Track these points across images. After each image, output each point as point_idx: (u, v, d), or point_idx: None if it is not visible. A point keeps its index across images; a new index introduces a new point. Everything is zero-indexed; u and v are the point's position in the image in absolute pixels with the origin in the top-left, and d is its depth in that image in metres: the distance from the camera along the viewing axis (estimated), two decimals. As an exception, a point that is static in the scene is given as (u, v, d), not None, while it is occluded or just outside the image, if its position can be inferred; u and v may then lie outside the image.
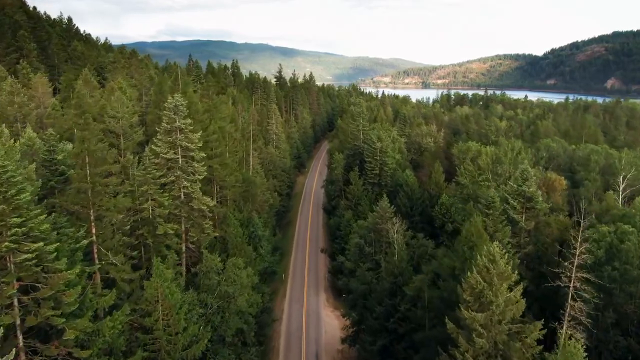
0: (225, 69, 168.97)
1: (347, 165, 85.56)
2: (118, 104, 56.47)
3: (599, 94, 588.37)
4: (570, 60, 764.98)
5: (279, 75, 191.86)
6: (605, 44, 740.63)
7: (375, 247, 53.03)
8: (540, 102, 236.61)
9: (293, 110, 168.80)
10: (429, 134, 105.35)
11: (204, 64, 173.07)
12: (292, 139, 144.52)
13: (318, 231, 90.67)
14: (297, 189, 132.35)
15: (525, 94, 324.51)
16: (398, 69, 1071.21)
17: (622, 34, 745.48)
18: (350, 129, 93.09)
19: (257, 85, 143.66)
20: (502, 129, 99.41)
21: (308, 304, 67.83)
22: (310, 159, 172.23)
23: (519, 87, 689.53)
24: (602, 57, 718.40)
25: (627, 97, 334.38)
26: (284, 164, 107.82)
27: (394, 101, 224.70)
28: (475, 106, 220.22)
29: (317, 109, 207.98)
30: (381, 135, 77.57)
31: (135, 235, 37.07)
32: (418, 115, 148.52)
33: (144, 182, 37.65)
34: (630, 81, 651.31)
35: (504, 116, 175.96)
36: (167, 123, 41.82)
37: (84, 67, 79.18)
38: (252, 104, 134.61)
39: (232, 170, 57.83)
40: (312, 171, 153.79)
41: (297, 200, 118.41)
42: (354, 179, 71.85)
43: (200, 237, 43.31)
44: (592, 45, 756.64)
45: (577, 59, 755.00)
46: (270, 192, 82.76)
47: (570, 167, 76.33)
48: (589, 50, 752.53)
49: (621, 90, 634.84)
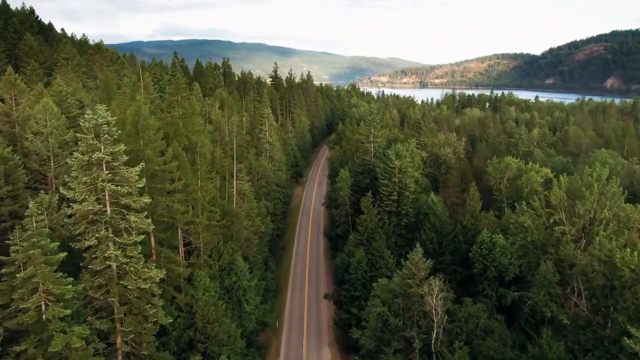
0: (215, 68, 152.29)
1: (354, 184, 69.29)
2: (45, 114, 40.06)
3: (599, 94, 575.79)
4: (569, 60, 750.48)
5: (274, 74, 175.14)
6: (604, 43, 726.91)
7: (405, 319, 36.96)
8: (551, 103, 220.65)
9: (290, 114, 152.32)
10: (447, 143, 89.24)
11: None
12: (289, 146, 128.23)
13: (319, 265, 74.23)
14: (294, 203, 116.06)
15: (532, 94, 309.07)
16: (395, 68, 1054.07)
17: (621, 33, 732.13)
18: (357, 137, 76.85)
19: (249, 86, 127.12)
20: (534, 137, 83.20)
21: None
22: (308, 166, 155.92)
23: (518, 86, 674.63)
24: (601, 56, 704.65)
25: (636, 97, 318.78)
26: (279, 177, 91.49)
27: (397, 102, 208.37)
28: (484, 108, 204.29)
29: (316, 110, 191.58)
30: (400, 150, 61.32)
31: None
32: (429, 120, 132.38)
33: (30, 259, 21.40)
34: (630, 80, 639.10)
35: (519, 119, 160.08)
36: (85, 153, 25.52)
37: (27, 66, 62.57)
38: (243, 107, 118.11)
39: (205, 206, 41.54)
40: (310, 181, 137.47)
41: (294, 218, 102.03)
42: (366, 206, 55.57)
43: (142, 331, 27.00)
44: (591, 45, 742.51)
45: (576, 59, 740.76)
46: (262, 217, 66.61)
47: (633, 189, 60.38)
48: (587, 50, 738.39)
49: (621, 90, 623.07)
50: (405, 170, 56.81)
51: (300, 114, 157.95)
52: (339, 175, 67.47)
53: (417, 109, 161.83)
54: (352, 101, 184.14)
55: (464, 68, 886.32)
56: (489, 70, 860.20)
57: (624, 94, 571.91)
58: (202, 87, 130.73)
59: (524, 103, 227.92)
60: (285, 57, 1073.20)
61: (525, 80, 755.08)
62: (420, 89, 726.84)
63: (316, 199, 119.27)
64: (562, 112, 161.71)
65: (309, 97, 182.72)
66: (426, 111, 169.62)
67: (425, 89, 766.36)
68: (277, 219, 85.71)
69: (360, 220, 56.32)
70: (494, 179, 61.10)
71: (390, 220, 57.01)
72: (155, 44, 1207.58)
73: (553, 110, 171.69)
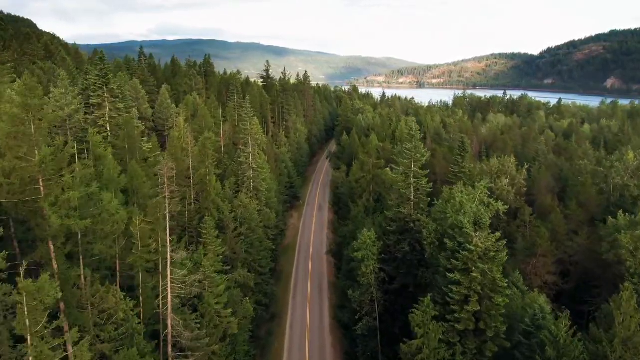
0: (193, 67, 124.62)
1: (384, 251, 42.16)
2: None
3: (599, 94, 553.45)
4: (568, 60, 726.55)
5: (266, 74, 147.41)
6: (603, 42, 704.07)
7: None
8: (576, 107, 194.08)
9: (283, 122, 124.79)
10: (502, 171, 62.55)
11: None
12: (282, 163, 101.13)
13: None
14: (289, 238, 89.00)
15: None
16: (391, 68, 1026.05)
17: (620, 32, 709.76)
18: (387, 177, 50.09)
19: (232, 89, 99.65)
20: (630, 164, 56.37)
21: None
22: (305, 182, 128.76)
23: (516, 86, 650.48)
24: (601, 56, 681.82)
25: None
26: (268, 218, 64.34)
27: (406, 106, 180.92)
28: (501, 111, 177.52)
29: (314, 116, 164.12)
30: (464, 202, 34.48)
31: None
32: (455, 130, 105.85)
33: None
34: (631, 80, 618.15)
35: (554, 128, 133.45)
36: None
37: None
38: (222, 116, 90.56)
39: None
40: (308, 205, 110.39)
41: (288, 266, 74.81)
42: (421, 324, 28.88)
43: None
44: (590, 45, 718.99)
45: (575, 58, 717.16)
46: (235, 314, 39.68)
47: None
48: (586, 49, 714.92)
49: (622, 90, 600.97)
50: (493, 254, 29.76)
51: (296, 121, 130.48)
52: (359, 239, 40.29)
53: (436, 115, 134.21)
54: (355, 105, 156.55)
55: (461, 68, 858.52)
56: (486, 70, 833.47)
57: (625, 94, 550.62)
58: (174, 91, 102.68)
59: (544, 106, 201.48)
60: (280, 56, 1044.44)
61: (523, 80, 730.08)
62: (417, 89, 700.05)
63: (316, 232, 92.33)
64: (609, 119, 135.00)
65: (306, 100, 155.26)
66: (443, 117, 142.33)
67: (422, 89, 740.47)
68: (264, 280, 58.59)
69: (410, 350, 29.20)
70: (630, 256, 34.25)
71: (464, 347, 29.91)
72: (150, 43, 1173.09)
73: (590, 116, 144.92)
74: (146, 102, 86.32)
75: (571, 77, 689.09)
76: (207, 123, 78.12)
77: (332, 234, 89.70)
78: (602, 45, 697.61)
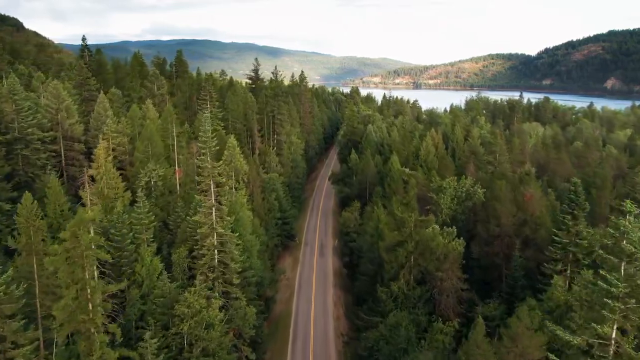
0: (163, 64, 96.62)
1: None
2: None
3: (599, 94, 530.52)
4: (566, 60, 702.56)
5: (254, 75, 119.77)
6: (601, 43, 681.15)
7: None
8: (608, 112, 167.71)
9: (274, 135, 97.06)
10: None
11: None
12: (272, 193, 73.97)
13: None
14: (280, 308, 61.80)
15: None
16: (386, 68, 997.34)
17: (619, 32, 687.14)
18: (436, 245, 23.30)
19: (204, 95, 71.91)
20: None
21: None
22: (303, 208, 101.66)
23: (514, 87, 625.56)
24: (600, 56, 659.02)
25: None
26: (242, 321, 36.98)
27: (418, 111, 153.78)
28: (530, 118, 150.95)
29: (311, 123, 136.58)
30: None
31: None
32: (493, 149, 79.34)
33: None
34: (631, 81, 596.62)
35: (607, 140, 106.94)
36: None
37: None
38: (187, 138, 62.95)
39: None
40: (306, 244, 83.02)
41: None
42: None
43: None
44: (589, 45, 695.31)
45: (573, 59, 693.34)
46: None
47: None
48: (585, 50, 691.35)
49: (622, 91, 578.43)
50: None
51: (290, 132, 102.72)
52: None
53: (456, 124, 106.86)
54: (362, 112, 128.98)
55: (458, 68, 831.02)
56: (483, 71, 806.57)
57: (626, 94, 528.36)
58: (126, 97, 74.78)
59: (569, 111, 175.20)
60: (274, 57, 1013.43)
61: (522, 80, 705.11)
62: (413, 90, 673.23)
63: (318, 291, 65.28)
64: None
65: (302, 105, 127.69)
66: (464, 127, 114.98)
67: (419, 89, 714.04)
68: None
69: None
70: None
71: None
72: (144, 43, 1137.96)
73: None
74: (75, 115, 58.58)
75: (570, 78, 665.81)
76: (156, 149, 50.54)
77: (340, 302, 62.69)
78: (601, 46, 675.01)
